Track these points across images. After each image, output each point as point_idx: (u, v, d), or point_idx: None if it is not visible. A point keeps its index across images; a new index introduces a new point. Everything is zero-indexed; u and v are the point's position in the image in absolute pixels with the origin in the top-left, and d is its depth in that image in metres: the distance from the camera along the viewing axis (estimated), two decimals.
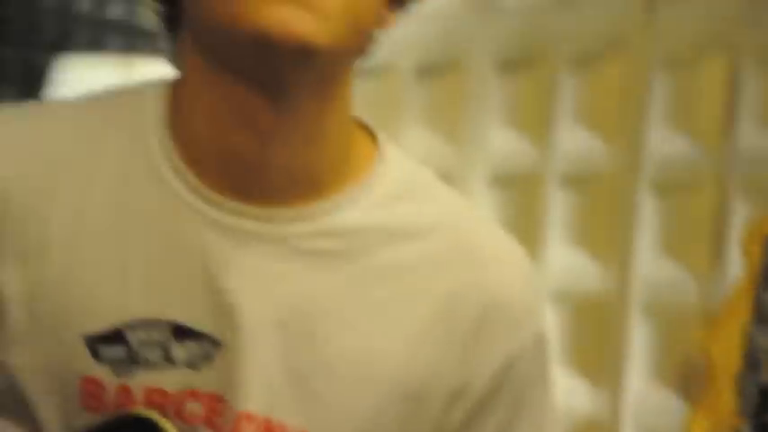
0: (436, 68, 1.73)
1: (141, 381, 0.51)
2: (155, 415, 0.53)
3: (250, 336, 0.51)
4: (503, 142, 1.68)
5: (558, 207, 1.63)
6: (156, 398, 0.52)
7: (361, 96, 0.51)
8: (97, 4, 2.19)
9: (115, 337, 0.52)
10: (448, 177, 1.60)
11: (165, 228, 0.53)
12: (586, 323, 1.73)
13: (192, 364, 0.52)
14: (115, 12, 2.06)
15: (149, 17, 0.56)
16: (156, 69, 0.57)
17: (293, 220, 0.52)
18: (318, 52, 0.45)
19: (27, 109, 0.67)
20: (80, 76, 1.82)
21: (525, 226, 1.68)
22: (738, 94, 1.40)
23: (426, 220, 0.56)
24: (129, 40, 2.14)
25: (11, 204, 0.54)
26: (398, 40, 1.59)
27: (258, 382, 0.52)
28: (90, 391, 0.52)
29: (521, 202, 1.69)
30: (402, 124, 1.72)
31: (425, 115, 1.73)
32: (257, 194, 0.51)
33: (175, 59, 0.54)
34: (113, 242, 0.54)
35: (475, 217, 0.62)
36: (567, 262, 1.67)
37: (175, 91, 0.54)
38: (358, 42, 0.48)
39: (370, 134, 0.56)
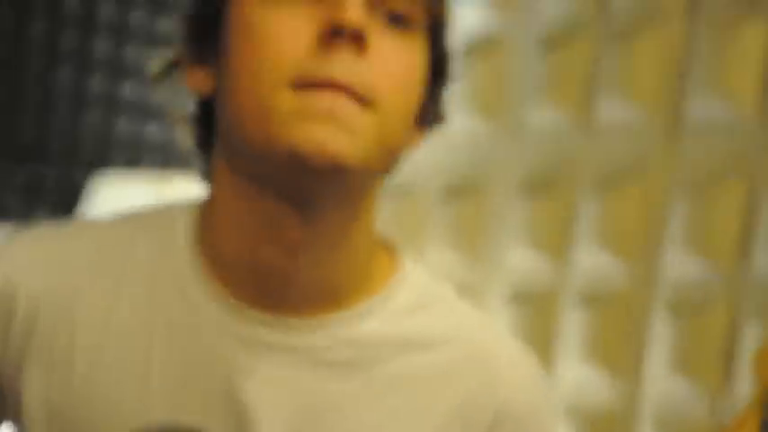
0: (460, 190, 1.74)
1: None
2: None
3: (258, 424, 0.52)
4: (522, 261, 1.69)
5: (573, 324, 1.63)
6: None
7: (389, 214, 0.53)
8: (136, 124, 2.24)
9: None
10: (468, 293, 1.61)
11: (188, 337, 0.54)
12: None
13: None
14: (152, 131, 2.12)
15: (184, 137, 0.57)
16: (191, 186, 0.60)
17: (313, 330, 0.53)
18: (349, 171, 0.46)
19: (60, 226, 0.68)
20: (116, 193, 1.85)
21: (541, 342, 1.67)
22: (754, 220, 1.44)
23: (441, 331, 0.57)
24: (166, 158, 2.13)
25: (39, 318, 0.55)
26: (425, 163, 1.67)
27: None
28: None
29: (537, 318, 1.69)
30: (426, 242, 1.72)
31: (449, 234, 1.74)
32: (280, 304, 0.52)
33: (207, 177, 0.56)
34: (137, 351, 0.54)
35: (489, 329, 0.62)
36: (580, 378, 1.66)
37: (205, 207, 0.55)
38: (387, 161, 0.49)
39: (392, 249, 0.58)
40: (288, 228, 0.49)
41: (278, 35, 0.47)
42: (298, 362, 0.54)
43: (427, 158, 1.65)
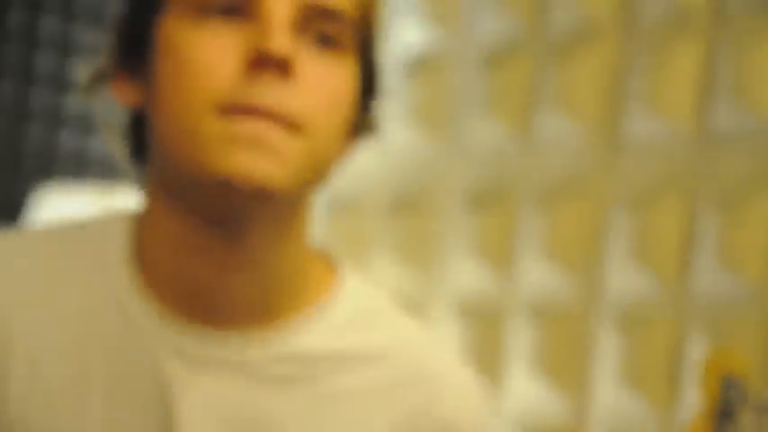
0: (405, 205, 1.75)
1: None
2: None
3: None
4: (467, 275, 1.70)
5: (520, 338, 1.65)
6: None
7: (334, 229, 0.54)
8: (80, 138, 2.23)
9: None
10: (414, 307, 1.61)
11: (125, 353, 0.54)
12: None
13: None
14: (97, 145, 2.09)
15: (119, 148, 0.56)
16: (134, 199, 0.58)
17: (250, 345, 0.53)
18: (277, 194, 0.46)
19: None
20: (59, 206, 1.82)
21: (487, 356, 1.68)
22: (694, 234, 1.47)
23: (382, 346, 0.57)
24: (110, 171, 2.08)
25: None
26: (370, 178, 1.72)
27: None
28: None
29: (484, 332, 1.69)
30: (372, 257, 1.73)
31: (394, 249, 1.75)
32: (215, 319, 0.52)
33: (142, 189, 0.55)
34: (73, 369, 0.54)
35: (429, 343, 0.62)
36: (528, 392, 1.66)
37: (140, 220, 0.55)
38: (316, 180, 0.50)
39: (330, 261, 0.58)
40: (217, 247, 0.49)
41: (204, 60, 0.47)
42: (234, 377, 0.53)
43: (371, 174, 1.74)
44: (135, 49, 0.52)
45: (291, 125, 0.46)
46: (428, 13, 1.81)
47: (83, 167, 2.21)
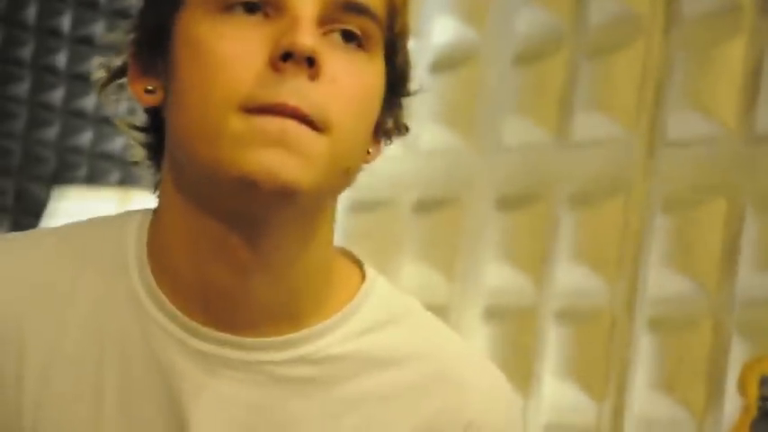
0: (435, 204, 1.76)
1: None
2: None
3: None
4: (498, 277, 1.69)
5: (552, 341, 1.64)
6: None
7: (362, 229, 0.52)
8: (97, 139, 2.35)
9: None
10: (443, 310, 1.59)
11: (140, 357, 0.53)
12: None
13: None
14: (114, 146, 2.17)
15: (135, 148, 0.56)
16: (150, 201, 0.57)
17: (269, 348, 0.52)
18: (302, 195, 0.45)
19: (9, 238, 0.67)
20: (77, 208, 1.83)
21: (518, 359, 1.70)
22: (738, 237, 1.45)
23: (407, 348, 0.55)
24: (127, 172, 2.22)
25: None
26: (401, 177, 1.75)
27: None
28: None
29: (514, 335, 1.69)
30: (400, 257, 1.75)
31: (423, 249, 1.76)
32: (235, 323, 0.51)
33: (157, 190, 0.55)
34: (88, 372, 0.53)
35: (455, 345, 0.60)
36: (560, 396, 1.66)
37: (155, 220, 0.54)
38: (342, 181, 0.49)
39: (354, 262, 0.57)
40: (238, 249, 0.48)
41: (228, 56, 0.47)
42: (250, 378, 0.53)
43: (403, 173, 1.76)
44: (153, 46, 0.51)
45: (317, 123, 0.45)
46: (461, 10, 1.84)
47: (100, 170, 2.37)
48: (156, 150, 0.54)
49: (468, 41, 1.81)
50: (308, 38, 0.45)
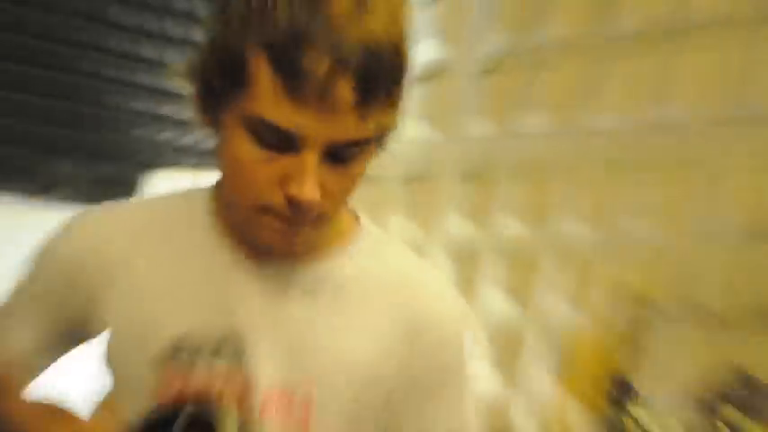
0: (416, 178, 2.13)
1: (208, 376, 0.57)
2: (214, 407, 0.56)
3: (256, 336, 0.63)
4: (457, 227, 2.06)
5: (493, 272, 2.00)
6: (213, 388, 0.57)
7: (363, 196, 0.78)
8: (177, 133, 2.52)
9: (177, 347, 0.60)
10: (417, 249, 1.80)
11: (209, 276, 0.66)
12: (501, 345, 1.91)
13: (228, 358, 0.59)
14: (190, 138, 2.44)
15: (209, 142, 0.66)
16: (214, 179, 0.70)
17: (293, 269, 0.65)
18: (306, 255, 0.64)
19: (121, 203, 0.79)
20: (162, 188, 2.09)
21: (468, 282, 2.00)
22: None
23: (389, 268, 0.70)
24: (201, 159, 2.44)
25: (106, 267, 0.67)
26: (388, 158, 1.99)
27: (268, 368, 0.63)
28: (163, 378, 0.58)
29: (467, 268, 2.03)
30: (390, 215, 2.10)
31: (406, 210, 2.15)
32: (270, 256, 0.65)
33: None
34: (174, 286, 0.67)
35: (423, 268, 0.75)
36: (495, 307, 1.98)
37: (218, 194, 0.67)
38: (346, 202, 0.63)
39: (355, 215, 0.70)
40: (279, 232, 0.60)
41: (254, 173, 0.57)
42: (283, 285, 0.66)
43: (393, 158, 1.97)
44: (211, 121, 0.61)
45: (316, 222, 0.59)
46: (438, 35, 2.11)
47: (180, 157, 2.52)
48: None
49: (443, 59, 2.10)
50: (311, 194, 0.55)
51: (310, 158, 0.55)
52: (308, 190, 0.55)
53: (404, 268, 0.73)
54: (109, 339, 0.71)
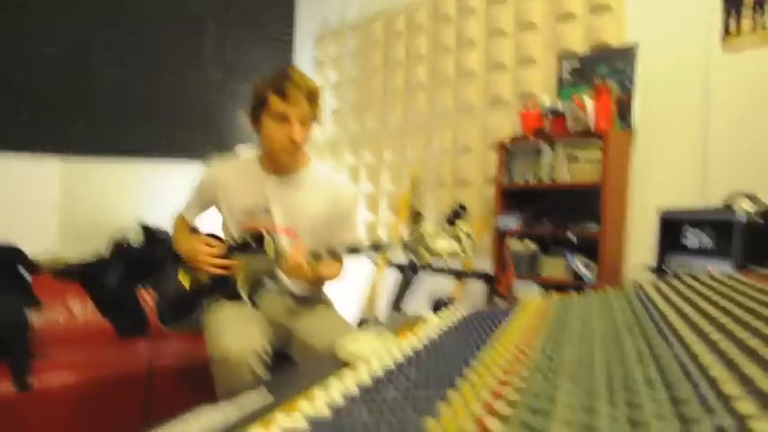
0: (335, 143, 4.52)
1: (258, 221, 1.97)
2: (263, 230, 1.95)
3: (274, 206, 1.96)
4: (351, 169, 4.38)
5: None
6: (261, 225, 1.95)
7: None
8: (232, 121, 4.37)
9: (246, 210, 2.01)
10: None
11: (257, 184, 2.00)
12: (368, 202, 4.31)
13: (264, 214, 1.97)
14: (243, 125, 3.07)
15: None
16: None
17: (289, 176, 1.97)
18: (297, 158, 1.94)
19: (223, 159, 2.09)
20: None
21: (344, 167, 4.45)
22: None
23: (324, 178, 2.02)
24: (246, 139, 4.19)
25: (218, 186, 2.03)
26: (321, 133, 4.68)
27: (278, 218, 1.95)
28: (242, 222, 1.95)
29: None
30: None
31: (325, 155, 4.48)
32: (282, 172, 1.97)
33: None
34: (243, 190, 2.01)
35: (336, 174, 2.10)
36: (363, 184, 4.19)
37: (259, 153, 1.98)
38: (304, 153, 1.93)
39: (309, 156, 2.01)
40: (283, 164, 1.93)
41: (276, 134, 1.87)
42: (285, 185, 1.97)
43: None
44: (255, 123, 1.91)
45: (298, 150, 1.91)
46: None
47: (239, 139, 4.37)
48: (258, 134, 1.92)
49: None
50: (299, 136, 1.84)
51: (296, 125, 1.76)
52: (296, 135, 1.77)
53: (329, 175, 1.97)
54: (221, 211, 2.01)
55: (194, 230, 2.10)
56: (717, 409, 0.42)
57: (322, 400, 0.62)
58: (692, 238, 2.08)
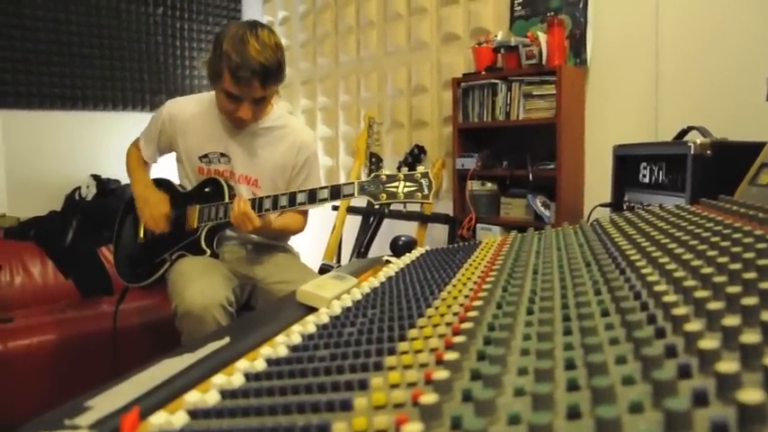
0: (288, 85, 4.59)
1: (213, 167, 1.98)
2: (220, 179, 1.97)
3: (234, 154, 1.97)
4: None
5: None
6: (218, 173, 1.98)
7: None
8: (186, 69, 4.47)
9: (205, 156, 1.99)
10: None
11: (217, 130, 1.98)
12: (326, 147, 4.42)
13: (224, 162, 1.97)
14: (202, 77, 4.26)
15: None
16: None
17: (253, 126, 1.96)
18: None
19: (185, 96, 2.07)
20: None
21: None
22: None
23: (287, 124, 2.03)
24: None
25: (177, 123, 1.97)
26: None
27: (239, 166, 1.97)
28: (200, 168, 1.97)
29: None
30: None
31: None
32: (244, 125, 1.94)
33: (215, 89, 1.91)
34: (202, 135, 1.98)
35: (298, 121, 2.14)
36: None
37: (215, 93, 1.91)
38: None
39: (274, 104, 1.99)
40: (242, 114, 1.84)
41: (226, 108, 1.84)
42: (246, 132, 1.96)
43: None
44: (212, 84, 1.85)
45: (252, 120, 1.89)
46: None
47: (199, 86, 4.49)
48: (214, 84, 1.84)
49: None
50: (247, 115, 1.81)
51: (246, 105, 1.75)
52: (243, 114, 1.78)
53: (292, 121, 1.99)
54: (179, 153, 1.99)
55: (155, 182, 2.06)
56: (667, 330, 0.43)
57: (283, 344, 0.62)
58: (647, 173, 2.12)
